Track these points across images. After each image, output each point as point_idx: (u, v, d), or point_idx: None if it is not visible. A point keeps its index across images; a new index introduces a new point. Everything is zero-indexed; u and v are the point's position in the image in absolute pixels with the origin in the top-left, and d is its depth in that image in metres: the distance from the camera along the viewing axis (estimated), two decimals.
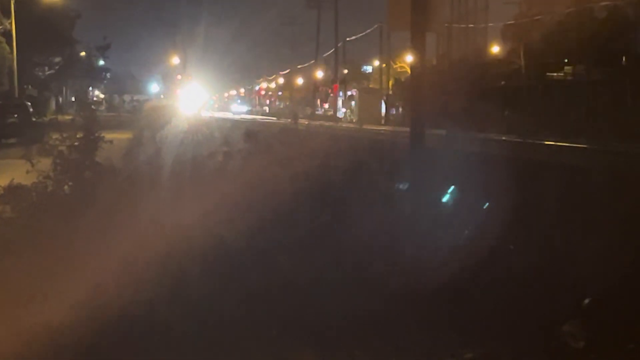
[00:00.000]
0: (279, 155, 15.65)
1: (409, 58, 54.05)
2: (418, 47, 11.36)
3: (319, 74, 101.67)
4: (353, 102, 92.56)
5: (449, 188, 13.16)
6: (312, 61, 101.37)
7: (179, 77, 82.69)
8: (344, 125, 58.57)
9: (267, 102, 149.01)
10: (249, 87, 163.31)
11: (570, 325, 8.17)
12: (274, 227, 11.05)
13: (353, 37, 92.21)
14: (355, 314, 8.71)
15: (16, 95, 55.41)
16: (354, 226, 11.19)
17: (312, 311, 8.84)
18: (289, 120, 24.09)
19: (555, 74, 59.69)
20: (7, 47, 57.72)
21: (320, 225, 11.58)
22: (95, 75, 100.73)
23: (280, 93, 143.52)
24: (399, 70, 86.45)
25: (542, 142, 27.94)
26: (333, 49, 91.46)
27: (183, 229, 10.62)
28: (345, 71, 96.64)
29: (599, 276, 9.11)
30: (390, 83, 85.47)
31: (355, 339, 8.43)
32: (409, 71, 58.46)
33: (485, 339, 8.23)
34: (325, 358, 8.21)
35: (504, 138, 31.27)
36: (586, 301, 8.80)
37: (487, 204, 12.37)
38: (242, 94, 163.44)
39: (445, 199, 13.11)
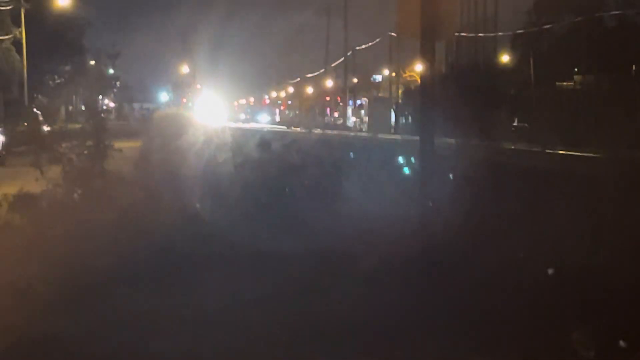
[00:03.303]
0: (281, 165, 15.64)
1: (419, 67, 53.86)
2: (427, 56, 11.30)
3: (329, 83, 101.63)
4: (362, 111, 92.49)
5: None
6: (322, 70, 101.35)
7: (189, 86, 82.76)
8: (358, 134, 58.54)
9: (277, 111, 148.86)
10: (259, 96, 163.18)
11: (581, 333, 8.09)
12: None
13: (362, 46, 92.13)
14: None
15: (26, 103, 55.42)
16: None
17: None
18: (299, 129, 24.09)
19: (564, 83, 59.59)
20: (17, 56, 57.78)
21: None
22: (105, 84, 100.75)
23: (290, 102, 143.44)
24: (408, 79, 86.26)
25: (553, 151, 27.88)
26: (342, 58, 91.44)
27: None
28: (355, 80, 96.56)
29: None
30: (400, 92, 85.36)
31: None
32: (418, 80, 58.39)
33: None
34: None
35: (512, 147, 31.21)
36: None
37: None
38: (252, 103, 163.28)
39: None
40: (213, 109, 70.53)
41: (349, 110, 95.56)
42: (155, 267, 10.26)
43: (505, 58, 67.38)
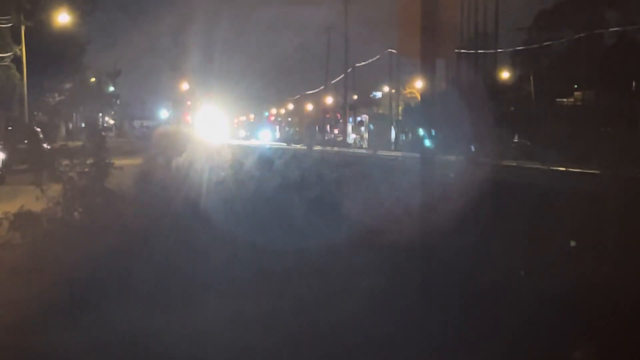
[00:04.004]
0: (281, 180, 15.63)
1: (419, 83, 53.90)
2: (428, 74, 11.29)
3: (329, 100, 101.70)
4: (362, 128, 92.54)
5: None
6: (322, 87, 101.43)
7: (189, 103, 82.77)
8: (358, 151, 58.71)
9: (277, 127, 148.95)
10: (259, 113, 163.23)
11: (583, 352, 8.08)
12: None
13: (362, 63, 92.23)
14: None
15: (26, 121, 55.42)
16: None
17: None
18: (299, 146, 24.12)
19: (565, 100, 59.67)
20: (17, 74, 57.80)
21: None
22: (105, 102, 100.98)
23: (289, 119, 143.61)
24: (408, 95, 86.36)
25: (553, 167, 27.93)
26: (342, 75, 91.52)
27: None
28: (355, 97, 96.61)
29: None
30: (400, 108, 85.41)
31: None
32: (418, 97, 58.47)
33: None
34: None
35: (513, 164, 31.28)
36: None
37: None
38: (252, 120, 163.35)
39: None
40: (213, 125, 70.53)
41: (349, 127, 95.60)
42: (154, 290, 10.13)
43: (505, 74, 67.43)
